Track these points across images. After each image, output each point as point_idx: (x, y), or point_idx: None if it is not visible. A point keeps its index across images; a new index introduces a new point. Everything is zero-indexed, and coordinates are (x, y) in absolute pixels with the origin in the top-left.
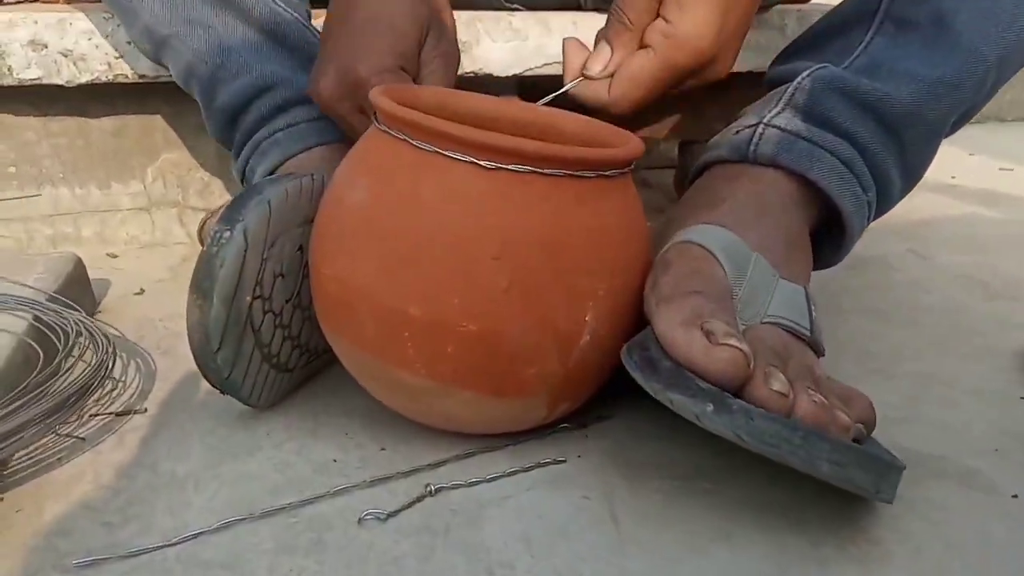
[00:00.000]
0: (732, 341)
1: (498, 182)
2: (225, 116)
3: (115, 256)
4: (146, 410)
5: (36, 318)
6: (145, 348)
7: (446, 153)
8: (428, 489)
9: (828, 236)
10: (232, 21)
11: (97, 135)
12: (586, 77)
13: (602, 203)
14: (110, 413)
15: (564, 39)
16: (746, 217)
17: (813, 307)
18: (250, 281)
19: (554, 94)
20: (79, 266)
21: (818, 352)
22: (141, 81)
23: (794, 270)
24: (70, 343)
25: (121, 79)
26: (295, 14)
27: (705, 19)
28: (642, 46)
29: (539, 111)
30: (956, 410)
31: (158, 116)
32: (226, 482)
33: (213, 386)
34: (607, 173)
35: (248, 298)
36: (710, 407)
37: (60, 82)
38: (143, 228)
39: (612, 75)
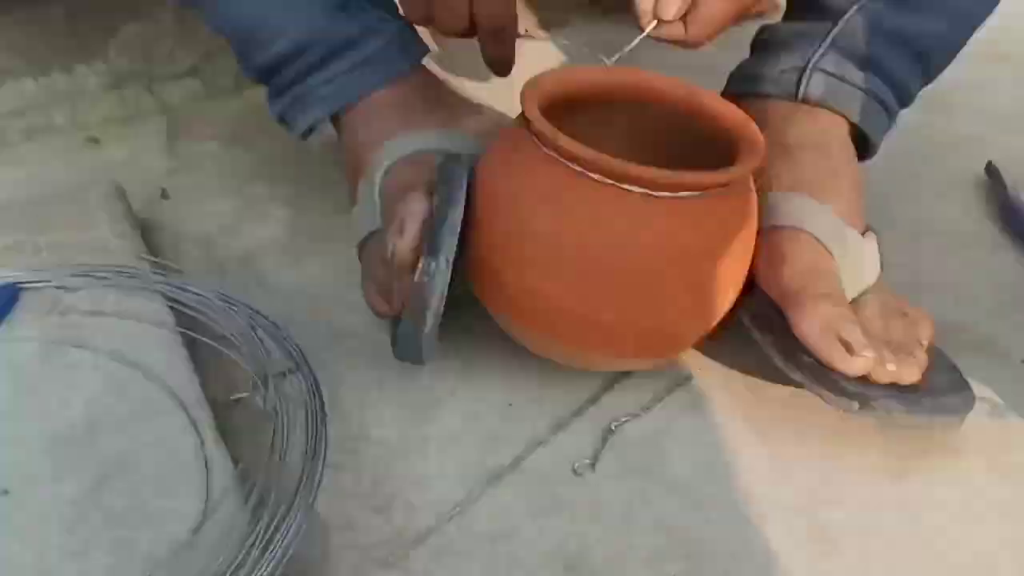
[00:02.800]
0: (866, 352)
1: (669, 206)
2: (259, 75)
3: (97, 141)
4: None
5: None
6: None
7: (622, 186)
8: (611, 426)
9: None
10: None
11: (52, 19)
12: (661, 22)
13: (746, 206)
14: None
15: None
16: (822, 174)
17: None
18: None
19: (635, 41)
20: (123, 195)
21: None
22: None
23: (860, 215)
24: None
25: None
26: None
27: None
28: None
29: (648, 79)
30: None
31: None
32: (441, 444)
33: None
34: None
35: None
36: (856, 405)
37: None
38: (115, 106)
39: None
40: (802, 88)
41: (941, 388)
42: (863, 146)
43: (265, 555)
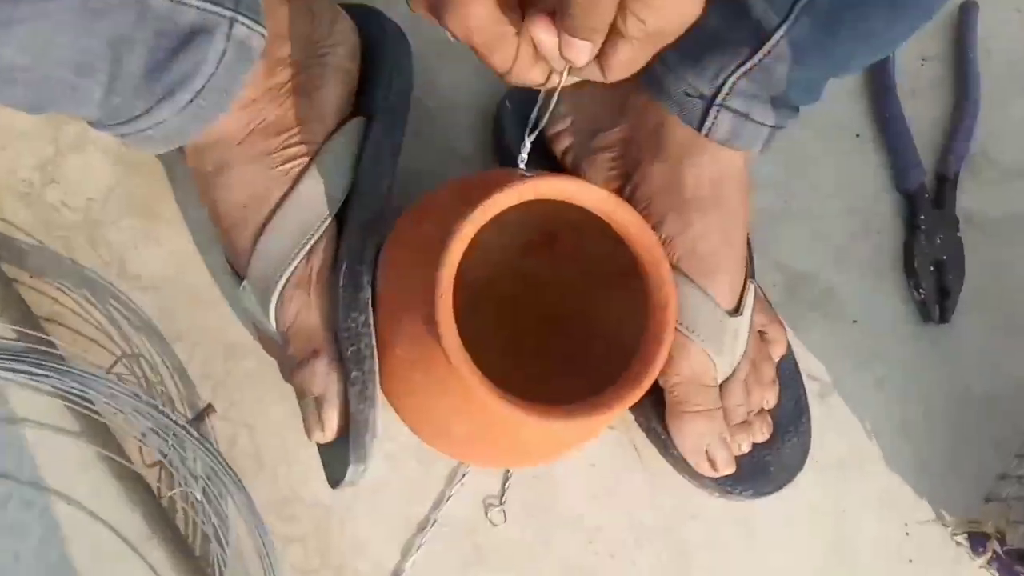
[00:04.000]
0: (727, 469)
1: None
2: None
3: None
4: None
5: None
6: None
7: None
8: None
9: None
10: None
11: None
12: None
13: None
14: None
15: (528, 19)
16: (714, 241)
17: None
18: None
19: (552, 101)
20: None
21: None
22: None
23: (743, 267)
24: None
25: None
26: None
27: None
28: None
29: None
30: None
31: None
32: (369, 498)
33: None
34: None
35: None
36: (716, 494)
37: None
38: None
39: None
40: (706, 125)
41: (783, 442)
42: None
43: None
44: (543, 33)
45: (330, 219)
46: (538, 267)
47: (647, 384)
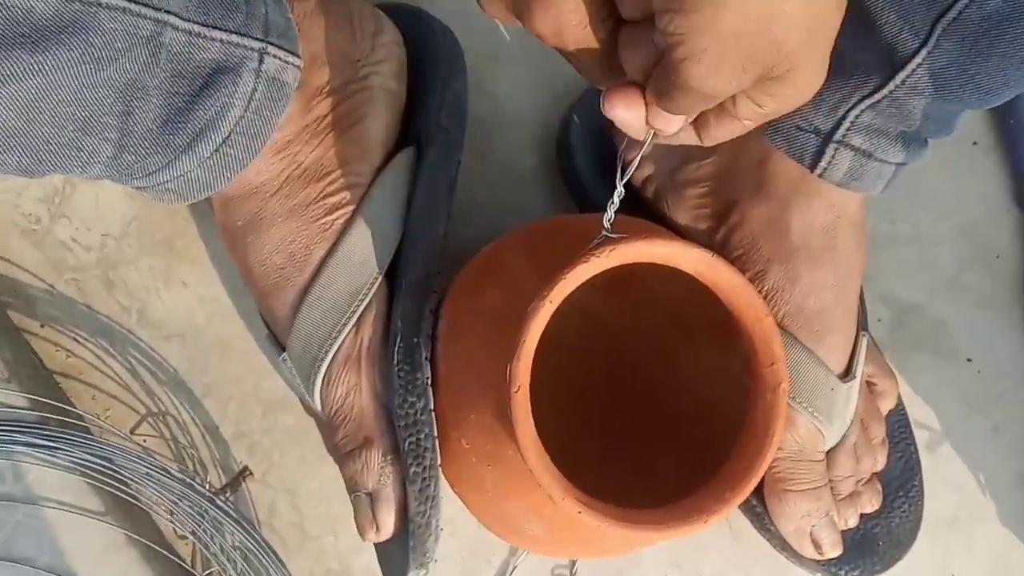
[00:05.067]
0: (835, 553)
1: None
2: None
3: None
4: None
5: None
6: None
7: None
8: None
9: None
10: None
11: None
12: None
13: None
14: None
15: (606, 99)
16: (824, 300)
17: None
18: None
19: (637, 157)
20: None
21: None
22: None
23: (855, 321)
24: None
25: None
26: None
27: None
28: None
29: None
30: None
31: None
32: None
33: None
34: None
35: None
36: (819, 575)
37: None
38: None
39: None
40: (821, 164)
41: (893, 509)
42: None
43: None
44: (623, 111)
45: (380, 279)
46: (609, 308)
47: (754, 483)
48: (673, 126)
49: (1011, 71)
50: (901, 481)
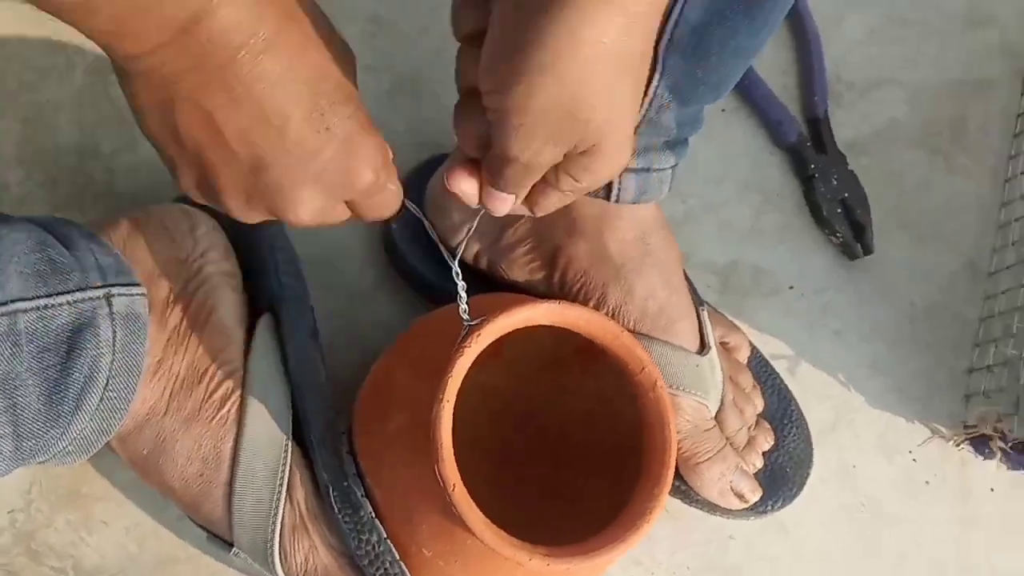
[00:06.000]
0: (756, 496)
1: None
2: None
3: None
4: None
5: None
6: None
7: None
8: None
9: None
10: None
11: None
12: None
13: None
14: None
15: (448, 175)
16: (659, 298)
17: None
18: None
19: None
20: None
21: None
22: None
23: (689, 302)
24: None
25: None
26: None
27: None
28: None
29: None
30: None
31: None
32: None
33: None
34: None
35: None
36: (752, 518)
37: None
38: None
39: None
40: (613, 194)
41: (786, 437)
42: None
43: None
44: (464, 185)
45: (290, 444)
46: (494, 376)
47: (671, 469)
48: (504, 208)
49: (728, 63)
50: (781, 411)
